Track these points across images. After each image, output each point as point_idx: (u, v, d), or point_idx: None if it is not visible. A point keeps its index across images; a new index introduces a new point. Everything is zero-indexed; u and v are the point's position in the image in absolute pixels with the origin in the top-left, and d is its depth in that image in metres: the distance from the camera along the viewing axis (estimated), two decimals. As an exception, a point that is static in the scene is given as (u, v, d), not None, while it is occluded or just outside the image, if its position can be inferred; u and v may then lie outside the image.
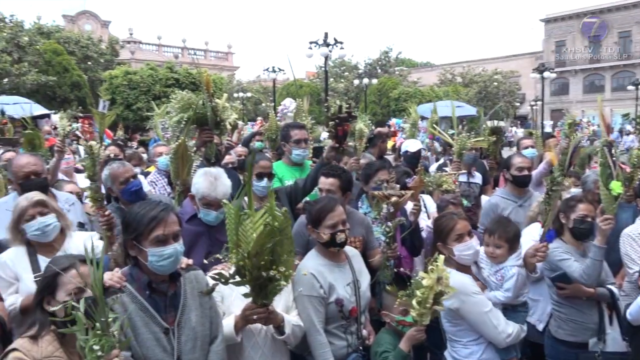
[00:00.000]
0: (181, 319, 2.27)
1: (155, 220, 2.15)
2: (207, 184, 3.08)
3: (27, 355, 1.90)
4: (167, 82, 25.43)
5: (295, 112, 6.76)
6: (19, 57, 23.17)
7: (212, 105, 4.09)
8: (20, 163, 3.58)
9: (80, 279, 1.99)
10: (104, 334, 1.75)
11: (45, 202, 3.05)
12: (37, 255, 2.98)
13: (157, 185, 5.65)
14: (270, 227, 2.08)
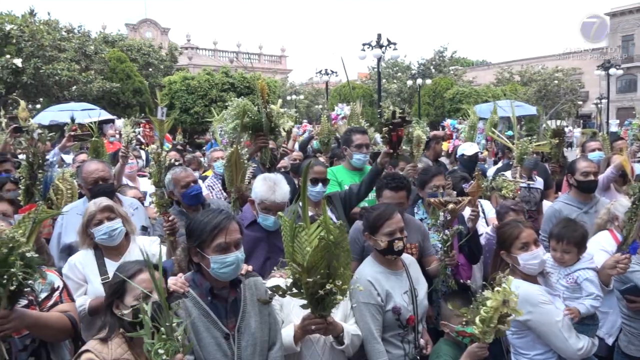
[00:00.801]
0: (241, 325, 2.32)
1: (218, 229, 2.22)
2: (266, 188, 3.13)
3: (98, 357, 2.00)
4: (222, 87, 26.03)
5: (350, 116, 6.76)
6: (86, 66, 24.43)
7: (266, 111, 4.17)
8: (90, 169, 3.77)
9: (146, 284, 2.07)
10: (169, 338, 1.81)
11: (113, 207, 3.19)
12: (104, 258, 3.13)
13: (214, 189, 5.81)
14: (326, 241, 2.08)
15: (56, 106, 19.09)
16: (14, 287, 2.11)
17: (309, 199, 3.97)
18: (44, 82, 22.10)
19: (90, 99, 22.23)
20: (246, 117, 4.14)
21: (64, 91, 23.05)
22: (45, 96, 23.59)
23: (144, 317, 1.80)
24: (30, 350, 2.51)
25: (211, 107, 22.39)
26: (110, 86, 24.15)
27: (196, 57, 49.14)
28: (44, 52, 21.80)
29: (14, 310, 2.18)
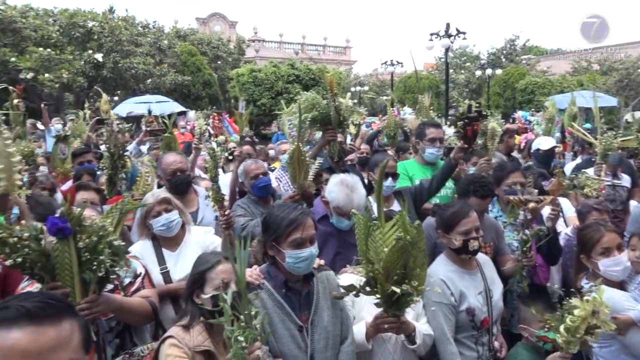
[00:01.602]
0: (314, 318, 2.34)
1: (294, 224, 2.24)
2: (343, 196, 3.08)
3: (181, 343, 2.08)
4: (288, 79, 26.36)
5: (418, 109, 6.62)
6: (160, 59, 25.57)
7: (335, 105, 4.16)
8: (168, 161, 3.92)
9: (225, 275, 2.13)
10: (248, 326, 1.84)
11: (170, 199, 3.25)
12: (162, 249, 3.21)
13: (282, 181, 5.88)
14: (403, 242, 2.04)
15: (132, 98, 20.13)
16: (102, 274, 2.24)
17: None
18: (122, 76, 23.31)
19: (163, 91, 23.27)
20: (314, 110, 4.16)
21: (139, 84, 24.22)
22: (122, 89, 24.90)
23: (224, 306, 1.84)
24: (115, 332, 2.66)
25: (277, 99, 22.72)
26: (182, 79, 25.13)
27: (263, 50, 49.99)
28: (122, 47, 22.98)
29: (101, 295, 2.31)
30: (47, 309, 1.11)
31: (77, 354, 1.14)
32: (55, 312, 1.12)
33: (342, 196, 3.08)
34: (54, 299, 1.15)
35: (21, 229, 2.16)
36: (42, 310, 1.10)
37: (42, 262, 2.18)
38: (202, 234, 3.33)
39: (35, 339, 1.07)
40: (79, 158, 5.38)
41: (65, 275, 2.21)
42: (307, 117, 4.09)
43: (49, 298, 1.15)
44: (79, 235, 2.19)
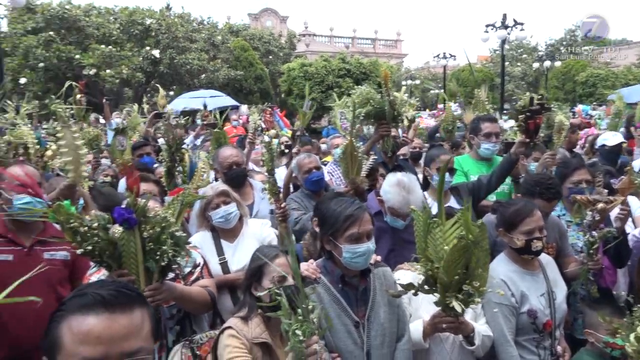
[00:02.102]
0: (370, 314, 2.32)
1: (351, 219, 2.22)
2: (399, 198, 3.01)
3: (240, 334, 2.12)
4: (339, 73, 26.36)
5: (474, 102, 6.44)
6: (214, 55, 26.16)
7: (390, 99, 4.11)
8: (225, 155, 4.00)
9: (283, 268, 2.15)
10: (305, 320, 1.85)
11: (228, 192, 3.31)
12: (221, 240, 3.28)
13: (334, 175, 5.88)
14: (465, 241, 1.98)
15: (187, 93, 20.68)
16: (165, 263, 2.31)
17: (433, 189, 3.86)
18: (178, 71, 24.01)
19: (216, 86, 23.79)
20: (369, 105, 4.13)
21: (194, 79, 24.87)
22: (178, 84, 25.65)
23: (282, 300, 1.86)
24: (176, 319, 2.75)
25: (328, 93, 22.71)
26: (234, 74, 25.60)
27: (313, 44, 50.11)
28: (177, 43, 23.66)
29: (164, 283, 2.38)
30: (120, 298, 1.14)
31: (147, 342, 1.17)
32: (127, 300, 1.15)
33: (399, 198, 3.02)
34: (126, 288, 1.19)
35: (91, 219, 2.26)
36: (115, 298, 1.13)
37: (109, 251, 2.27)
38: (259, 226, 3.38)
39: (109, 325, 1.11)
40: (139, 150, 5.58)
41: (130, 263, 2.29)
42: (362, 112, 4.07)
43: (122, 287, 1.19)
44: (143, 226, 2.27)
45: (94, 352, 1.09)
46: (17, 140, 3.67)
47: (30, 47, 21.43)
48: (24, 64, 22.27)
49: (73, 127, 3.17)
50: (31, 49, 21.43)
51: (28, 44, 21.44)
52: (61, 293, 2.91)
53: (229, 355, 2.07)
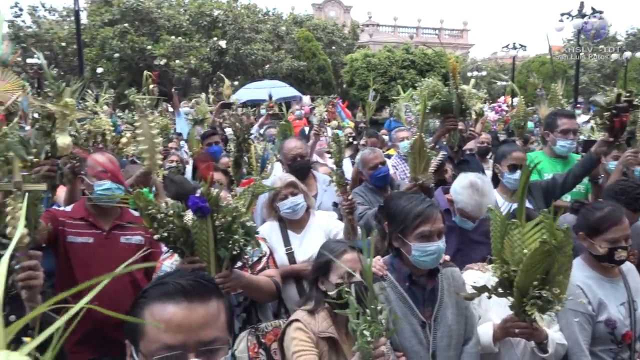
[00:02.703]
0: (438, 315, 2.27)
1: (422, 217, 2.18)
2: (472, 202, 2.91)
3: (307, 327, 2.14)
4: (402, 64, 25.95)
5: (550, 97, 6.12)
6: (278, 45, 26.50)
7: (458, 93, 3.99)
8: (289, 146, 4.04)
9: (351, 264, 2.14)
10: (374, 320, 1.83)
11: (296, 183, 3.34)
12: (287, 230, 3.31)
13: (398, 169, 5.81)
14: (549, 245, 1.88)
15: (252, 84, 21.10)
16: (236, 252, 2.37)
17: (505, 187, 3.72)
18: (243, 62, 24.51)
19: (280, 76, 24.10)
20: (435, 98, 4.03)
21: (258, 69, 25.31)
22: (243, 74, 26.20)
23: (350, 298, 1.85)
24: (242, 306, 2.82)
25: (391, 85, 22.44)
26: (297, 64, 25.79)
27: (376, 34, 49.56)
28: (243, 34, 24.14)
29: (233, 271, 2.44)
30: (198, 288, 1.17)
31: (223, 332, 1.20)
32: (205, 291, 1.18)
33: (471, 202, 2.91)
34: (204, 279, 1.22)
35: (167, 207, 2.35)
36: (194, 288, 1.16)
37: (183, 238, 2.35)
38: (325, 218, 3.39)
39: (188, 314, 1.14)
40: (207, 139, 5.76)
41: (202, 250, 2.36)
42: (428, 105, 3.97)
43: (200, 278, 1.22)
44: (215, 215, 2.33)
45: (174, 340, 1.12)
46: (97, 129, 3.87)
47: (107, 38, 22.59)
48: (100, 54, 23.51)
49: (149, 117, 3.31)
50: (107, 40, 22.58)
51: (105, 35, 22.60)
52: (135, 275, 3.06)
53: (295, 347, 2.09)
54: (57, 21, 25.99)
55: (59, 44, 23.77)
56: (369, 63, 26.26)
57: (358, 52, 29.01)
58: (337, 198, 4.19)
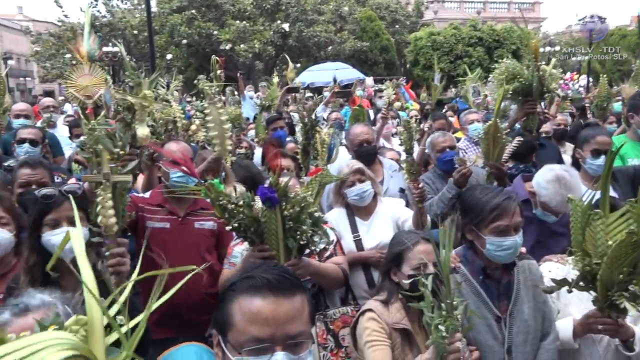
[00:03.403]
0: (513, 309, 2.19)
1: (498, 210, 2.09)
2: (558, 198, 2.75)
3: (380, 318, 2.13)
4: (469, 41, 24.99)
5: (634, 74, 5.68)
6: (341, 26, 26.26)
7: (538, 75, 3.78)
8: (356, 132, 4.00)
9: (424, 256, 2.10)
10: (449, 315, 1.79)
11: (363, 170, 3.30)
12: (355, 217, 3.29)
13: (467, 153, 5.62)
14: (637, 237, 1.75)
15: (314, 66, 21.09)
16: (305, 242, 2.39)
17: (587, 174, 3.50)
18: (306, 44, 24.54)
19: (342, 58, 23.91)
20: (515, 81, 3.84)
21: (320, 51, 25.25)
22: (305, 56, 26.24)
23: (425, 291, 1.82)
24: (310, 293, 2.84)
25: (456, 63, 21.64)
26: (360, 45, 25.46)
27: (442, 11, 47.92)
28: (306, 16, 24.11)
29: (301, 259, 2.47)
30: (283, 283, 1.20)
31: (307, 326, 1.22)
32: (290, 286, 1.21)
33: (557, 198, 2.74)
34: (288, 274, 1.24)
35: (237, 197, 2.40)
36: (280, 283, 1.19)
37: (253, 227, 2.40)
38: (393, 205, 3.36)
39: (275, 308, 1.17)
40: (273, 124, 5.83)
41: (272, 239, 2.40)
42: (509, 89, 3.81)
43: (285, 272, 1.24)
44: (284, 205, 2.36)
45: (262, 333, 1.16)
46: (167, 117, 4.01)
47: (175, 25, 23.30)
48: (169, 41, 24.32)
49: (219, 104, 3.39)
50: (176, 27, 23.30)
51: (174, 22, 23.33)
52: (208, 260, 3.17)
53: (368, 337, 2.09)
54: (129, 10, 27.11)
55: (131, 32, 24.81)
56: (433, 42, 25.48)
57: (422, 31, 28.18)
58: (404, 184, 4.13)
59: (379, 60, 26.84)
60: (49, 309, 1.42)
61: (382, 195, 3.62)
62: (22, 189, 2.97)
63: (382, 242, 3.23)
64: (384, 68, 26.86)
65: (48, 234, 2.13)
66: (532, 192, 2.93)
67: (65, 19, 26.69)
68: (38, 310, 1.40)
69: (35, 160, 3.23)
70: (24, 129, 4.73)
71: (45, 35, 28.06)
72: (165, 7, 24.15)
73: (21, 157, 4.28)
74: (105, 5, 26.26)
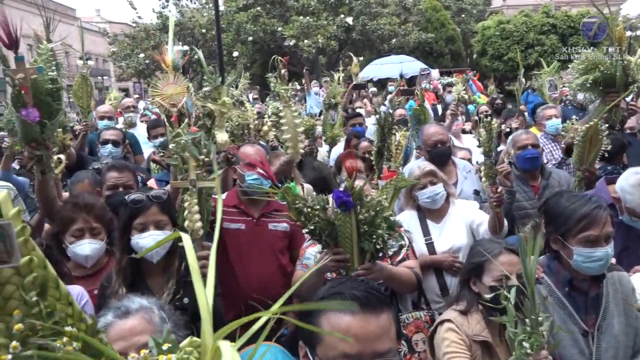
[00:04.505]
0: (602, 324, 2.08)
1: (587, 220, 1.99)
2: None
3: (459, 329, 2.08)
4: (541, 29, 23.77)
5: None
6: (405, 18, 25.78)
7: (622, 64, 3.55)
8: (429, 132, 3.91)
9: (507, 267, 2.03)
10: (534, 332, 1.73)
11: (436, 172, 3.23)
12: (427, 220, 3.23)
13: (545, 150, 5.36)
14: None
15: (378, 60, 20.88)
16: (380, 246, 2.39)
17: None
18: (369, 37, 24.34)
19: (406, 50, 23.51)
20: (597, 71, 3.63)
21: (384, 44, 24.96)
22: (369, 50, 26.04)
23: (508, 305, 1.76)
24: (381, 297, 2.84)
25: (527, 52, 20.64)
26: (425, 37, 24.92)
27: (511, -3, 45.80)
28: (370, 9, 23.88)
29: (375, 263, 2.47)
30: (372, 300, 1.21)
31: (394, 343, 1.23)
32: (378, 303, 1.22)
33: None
34: (376, 291, 1.24)
35: (312, 201, 2.43)
36: (369, 300, 1.20)
37: (328, 230, 2.43)
38: (466, 207, 3.27)
39: (364, 325, 1.18)
40: (352, 120, 5.87)
41: (346, 243, 2.42)
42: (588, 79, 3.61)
43: (373, 289, 1.25)
44: (359, 209, 2.36)
45: (351, 349, 1.17)
46: (244, 122, 4.11)
47: (241, 23, 23.82)
48: (236, 39, 24.91)
49: (293, 107, 3.44)
50: (242, 25, 23.82)
51: (240, 20, 23.86)
52: (281, 261, 3.24)
53: (447, 349, 2.06)
54: (197, 9, 28.00)
55: (199, 30, 25.62)
56: (502, 30, 24.43)
57: (491, 19, 27.12)
58: (478, 185, 4.02)
59: (444, 52, 26.14)
60: (147, 312, 1.50)
61: (455, 197, 3.55)
62: (109, 191, 3.17)
63: (455, 245, 3.16)
64: (450, 59, 26.14)
65: (137, 237, 2.26)
66: (616, 197, 2.77)
67: (139, 20, 28.04)
68: (137, 313, 1.49)
69: (121, 164, 3.43)
70: (107, 130, 5.04)
71: (121, 37, 29.62)
72: (232, 5, 24.74)
73: (104, 157, 4.57)
74: (175, 5, 27.28)
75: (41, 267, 0.71)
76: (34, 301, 0.69)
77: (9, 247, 0.66)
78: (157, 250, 2.26)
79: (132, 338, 1.41)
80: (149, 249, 2.29)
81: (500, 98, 9.02)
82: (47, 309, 0.70)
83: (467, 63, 27.54)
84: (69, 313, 0.74)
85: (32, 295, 0.69)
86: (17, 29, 2.40)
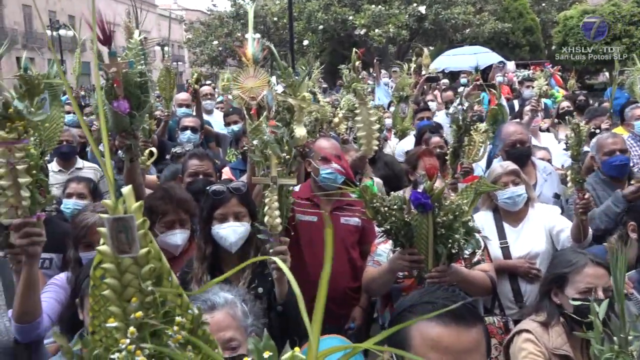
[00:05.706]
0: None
1: None
2: None
3: (539, 340, 2.01)
4: (631, 19, 22.11)
5: None
6: (480, 7, 24.86)
7: None
8: (508, 131, 3.78)
9: (591, 279, 1.94)
10: (622, 351, 1.64)
11: (519, 172, 3.12)
12: (503, 222, 3.11)
13: (632, 153, 5.02)
14: None
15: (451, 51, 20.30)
16: (456, 251, 2.35)
17: None
18: (442, 27, 23.69)
19: (481, 40, 22.69)
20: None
21: (457, 34, 24.22)
22: (440, 40, 25.36)
23: (595, 320, 1.67)
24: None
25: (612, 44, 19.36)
26: (501, 27, 23.94)
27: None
28: (445, -3, 23.21)
29: (450, 266, 2.43)
30: (465, 313, 1.19)
31: (484, 358, 1.20)
32: (471, 317, 1.20)
33: None
34: (469, 303, 1.22)
35: (390, 200, 2.42)
36: (462, 312, 1.18)
37: (404, 230, 2.42)
38: (547, 212, 3.14)
39: (457, 338, 1.17)
40: (420, 114, 5.80)
41: (421, 244, 2.40)
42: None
43: (465, 301, 1.23)
44: (437, 211, 2.33)
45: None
46: (323, 117, 4.13)
47: (313, 11, 23.92)
48: (306, 27, 25.06)
49: (369, 104, 3.43)
50: (313, 13, 23.91)
51: (311, 9, 23.96)
52: (352, 255, 3.25)
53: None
54: (270, -3, 28.44)
55: (271, 18, 25.99)
56: (587, 20, 22.95)
57: (574, 9, 25.52)
58: (559, 188, 3.83)
59: (521, 43, 24.97)
60: (231, 307, 1.56)
61: (535, 200, 3.41)
62: (190, 178, 3.31)
63: (533, 251, 3.04)
64: (527, 51, 24.95)
65: (217, 227, 2.35)
66: None
67: (214, 8, 28.83)
68: (223, 308, 1.55)
69: (202, 152, 3.57)
70: (186, 117, 5.25)
71: (196, 24, 30.60)
72: (303, -7, 24.90)
73: (184, 143, 4.77)
74: (249, -7, 27.78)
75: (157, 259, 0.75)
76: (150, 290, 0.73)
77: (130, 238, 0.70)
78: (236, 241, 2.34)
79: (217, 333, 1.46)
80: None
81: (583, 94, 8.50)
82: (160, 298, 0.75)
83: (545, 55, 26.14)
84: (178, 304, 0.78)
85: (148, 285, 0.73)
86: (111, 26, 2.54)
